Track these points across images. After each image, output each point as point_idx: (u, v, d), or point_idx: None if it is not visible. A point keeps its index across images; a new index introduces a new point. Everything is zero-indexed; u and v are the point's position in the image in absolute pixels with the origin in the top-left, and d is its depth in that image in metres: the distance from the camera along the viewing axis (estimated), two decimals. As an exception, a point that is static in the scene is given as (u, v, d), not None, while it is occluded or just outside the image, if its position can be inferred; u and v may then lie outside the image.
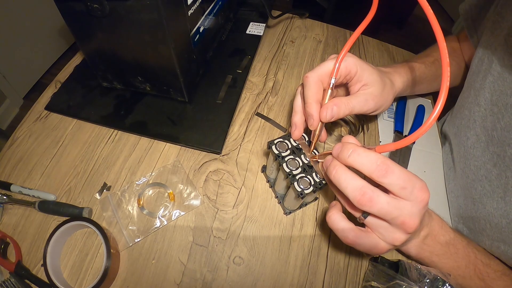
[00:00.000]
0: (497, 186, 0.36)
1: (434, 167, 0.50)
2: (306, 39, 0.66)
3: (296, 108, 0.36)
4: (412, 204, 0.25)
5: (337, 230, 0.30)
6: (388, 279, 0.34)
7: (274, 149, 0.35)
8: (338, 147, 0.28)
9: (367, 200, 0.25)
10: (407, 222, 0.26)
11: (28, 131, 0.47)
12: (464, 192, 0.42)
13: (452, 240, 0.34)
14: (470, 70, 0.47)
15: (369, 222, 0.28)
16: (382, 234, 0.28)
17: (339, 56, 0.32)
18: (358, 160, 0.26)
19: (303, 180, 0.33)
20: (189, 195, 0.42)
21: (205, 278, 0.37)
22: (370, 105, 0.35)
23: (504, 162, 0.35)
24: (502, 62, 0.38)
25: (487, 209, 0.37)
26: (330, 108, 0.32)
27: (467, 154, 0.43)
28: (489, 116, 0.39)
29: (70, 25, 0.41)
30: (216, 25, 0.55)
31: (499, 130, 0.37)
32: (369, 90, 0.35)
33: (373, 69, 0.36)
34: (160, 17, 0.35)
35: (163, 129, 0.47)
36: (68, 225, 0.36)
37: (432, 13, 0.24)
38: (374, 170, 0.25)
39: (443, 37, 0.23)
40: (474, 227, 0.40)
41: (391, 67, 0.43)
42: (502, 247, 0.35)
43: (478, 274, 0.34)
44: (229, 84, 0.53)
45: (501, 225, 0.35)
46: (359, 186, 0.26)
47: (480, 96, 0.41)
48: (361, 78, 0.34)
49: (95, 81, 0.51)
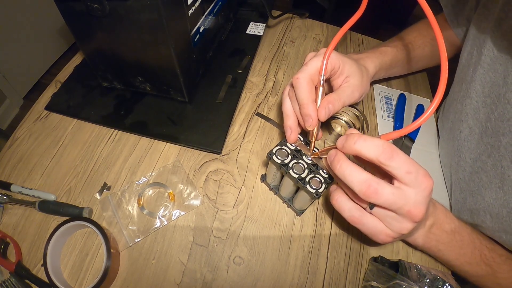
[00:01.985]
0: (494, 177, 0.36)
1: (433, 166, 0.50)
2: (306, 39, 0.66)
3: (287, 112, 0.36)
4: (417, 192, 0.26)
5: (343, 211, 0.30)
6: (388, 279, 0.34)
7: (275, 159, 0.35)
8: (343, 138, 0.28)
9: (372, 192, 0.26)
10: (413, 211, 0.26)
11: (28, 131, 0.47)
12: (461, 186, 0.43)
13: (457, 228, 0.35)
14: (459, 64, 0.47)
15: (376, 213, 0.29)
16: (390, 223, 0.28)
17: (326, 53, 0.33)
18: (364, 145, 0.26)
19: (314, 180, 0.33)
20: (189, 195, 0.42)
21: (205, 278, 0.37)
22: (356, 95, 0.37)
23: (499, 152, 0.36)
24: (491, 54, 0.38)
25: (486, 200, 0.37)
26: (326, 107, 0.33)
27: (461, 147, 0.43)
28: (482, 108, 0.39)
29: (70, 25, 0.41)
30: (216, 25, 0.55)
31: (493, 120, 0.37)
32: (352, 81, 0.37)
33: (351, 60, 0.37)
34: (160, 17, 0.35)
35: (163, 129, 0.47)
36: (68, 225, 0.36)
37: (432, 14, 0.24)
38: (381, 154, 0.25)
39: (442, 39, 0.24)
40: (472, 220, 0.40)
41: (363, 53, 0.45)
42: (504, 237, 0.35)
43: (484, 259, 0.35)
44: (229, 84, 0.53)
45: (502, 215, 0.35)
46: (364, 179, 0.26)
47: (471, 89, 0.41)
48: (343, 71, 0.36)
49: (95, 81, 0.51)
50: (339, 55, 0.35)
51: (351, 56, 0.41)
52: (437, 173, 0.49)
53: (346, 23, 0.35)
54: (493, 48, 0.38)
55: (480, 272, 0.35)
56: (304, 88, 0.33)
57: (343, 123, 0.51)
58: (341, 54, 0.36)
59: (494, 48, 0.38)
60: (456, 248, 0.35)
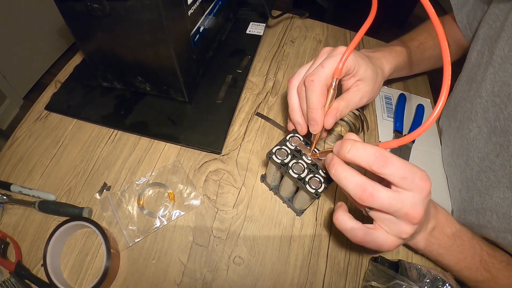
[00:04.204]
0: (502, 176, 0.36)
1: (434, 166, 0.50)
2: (306, 39, 0.66)
3: (294, 106, 0.36)
4: (414, 194, 0.26)
5: (345, 230, 0.30)
6: (388, 279, 0.34)
7: (275, 159, 0.34)
8: (338, 144, 0.28)
9: (368, 195, 0.26)
10: (411, 213, 0.26)
11: (28, 131, 0.47)
12: (468, 185, 0.42)
13: (458, 232, 0.35)
14: (468, 63, 0.47)
15: (374, 215, 0.28)
16: (388, 226, 0.28)
17: (343, 56, 0.32)
18: (357, 154, 0.26)
19: (313, 180, 0.33)
20: (189, 195, 0.42)
21: (205, 278, 0.37)
22: (364, 101, 0.37)
23: (508, 151, 0.35)
24: (502, 53, 0.38)
25: (494, 199, 0.37)
26: (333, 114, 0.33)
27: (469, 146, 0.43)
28: (491, 107, 0.39)
29: (70, 25, 0.41)
30: (216, 25, 0.55)
31: (502, 120, 0.37)
32: (362, 86, 0.36)
33: (367, 62, 0.36)
34: (160, 17, 0.35)
35: (163, 129, 0.47)
36: (68, 225, 0.36)
37: (435, 14, 0.24)
38: (373, 162, 0.25)
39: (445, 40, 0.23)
40: (477, 221, 0.40)
41: (380, 51, 0.44)
42: (509, 238, 0.35)
43: (484, 265, 0.34)
44: (229, 84, 0.53)
45: (509, 215, 0.35)
46: (359, 183, 0.26)
47: (481, 88, 0.41)
48: (357, 73, 0.35)
49: (95, 81, 0.50)
50: (356, 56, 0.34)
51: (366, 53, 0.39)
52: (439, 173, 0.49)
53: (364, 24, 0.33)
54: (504, 47, 0.38)
55: (480, 278, 0.35)
56: (317, 92, 0.32)
57: (343, 123, 0.51)
58: (358, 54, 0.35)
59: (505, 48, 0.38)
60: (457, 253, 0.35)
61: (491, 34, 0.42)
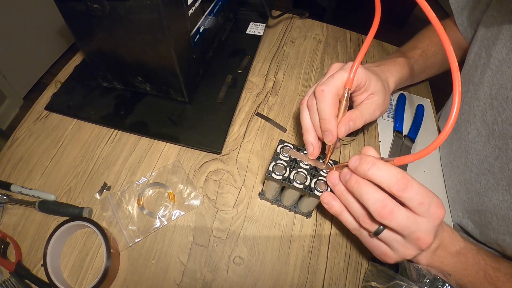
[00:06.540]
0: (501, 179, 0.36)
1: (433, 166, 0.50)
2: (306, 39, 0.66)
3: (307, 126, 0.35)
4: (428, 221, 0.26)
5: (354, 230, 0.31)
6: (388, 279, 0.34)
7: (275, 177, 0.34)
8: (356, 159, 0.28)
9: (388, 212, 0.25)
10: (422, 238, 0.26)
11: (28, 131, 0.47)
12: (467, 187, 0.42)
13: (462, 250, 0.34)
14: (466, 64, 0.47)
15: (384, 237, 0.28)
16: (396, 248, 0.28)
17: (353, 66, 0.32)
18: (378, 174, 0.26)
19: (319, 183, 0.33)
20: (189, 195, 0.42)
21: (205, 278, 0.37)
22: (377, 113, 0.37)
23: (507, 154, 0.35)
24: (500, 56, 0.38)
25: (493, 202, 0.37)
26: (347, 124, 0.32)
27: (468, 148, 0.43)
28: (489, 110, 0.39)
29: (70, 25, 0.41)
30: (216, 25, 0.55)
31: (500, 123, 0.37)
32: (375, 99, 0.36)
33: (376, 77, 0.36)
34: (160, 17, 0.35)
35: (163, 129, 0.47)
36: (68, 225, 0.36)
37: (435, 17, 0.24)
38: (394, 184, 0.25)
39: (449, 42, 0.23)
40: (480, 221, 0.40)
41: (383, 65, 0.44)
42: (508, 240, 0.35)
43: (488, 279, 0.34)
44: (229, 84, 0.53)
45: (508, 217, 0.35)
46: (380, 198, 0.26)
47: (479, 91, 0.41)
48: (368, 87, 0.35)
49: (95, 81, 0.50)
50: (366, 71, 0.34)
51: (371, 68, 0.39)
52: (438, 174, 0.49)
53: (369, 32, 0.33)
54: (502, 50, 0.38)
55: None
56: (328, 102, 0.32)
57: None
58: (368, 70, 0.35)
59: (503, 51, 0.38)
60: (460, 269, 0.34)
61: (488, 36, 0.42)
